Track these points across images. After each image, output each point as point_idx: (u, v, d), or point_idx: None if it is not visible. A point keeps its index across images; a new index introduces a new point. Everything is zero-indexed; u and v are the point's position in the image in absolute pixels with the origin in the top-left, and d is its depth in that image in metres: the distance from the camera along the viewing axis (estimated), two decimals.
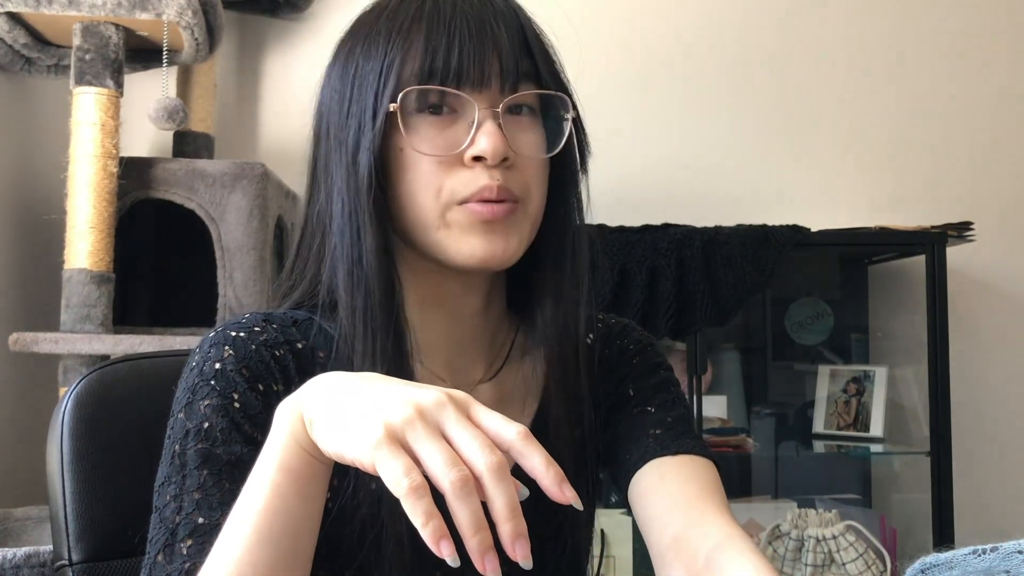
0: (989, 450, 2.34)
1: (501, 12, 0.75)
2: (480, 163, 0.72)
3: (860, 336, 2.36)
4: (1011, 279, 2.42)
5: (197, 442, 0.70)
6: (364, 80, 0.74)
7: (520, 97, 0.74)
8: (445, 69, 0.72)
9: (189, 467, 0.70)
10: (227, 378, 0.72)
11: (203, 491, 0.69)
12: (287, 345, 0.76)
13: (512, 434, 0.55)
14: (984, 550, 0.58)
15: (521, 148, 0.74)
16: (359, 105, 0.74)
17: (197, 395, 0.72)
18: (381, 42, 0.74)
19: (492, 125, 0.72)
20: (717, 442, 2.05)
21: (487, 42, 0.73)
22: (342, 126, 0.75)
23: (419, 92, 0.72)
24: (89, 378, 0.92)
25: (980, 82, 2.45)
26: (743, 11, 2.43)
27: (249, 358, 0.74)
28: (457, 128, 0.73)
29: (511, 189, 0.74)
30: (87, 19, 1.79)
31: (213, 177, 1.88)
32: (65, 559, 0.87)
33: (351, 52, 0.76)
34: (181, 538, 0.67)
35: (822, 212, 2.24)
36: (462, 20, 0.72)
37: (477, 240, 0.73)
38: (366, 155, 0.72)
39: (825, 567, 1.85)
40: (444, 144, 0.73)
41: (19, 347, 1.74)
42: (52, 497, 0.89)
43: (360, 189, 0.73)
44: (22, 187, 2.06)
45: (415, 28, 0.73)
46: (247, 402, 0.72)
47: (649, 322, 1.95)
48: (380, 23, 0.75)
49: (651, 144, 2.40)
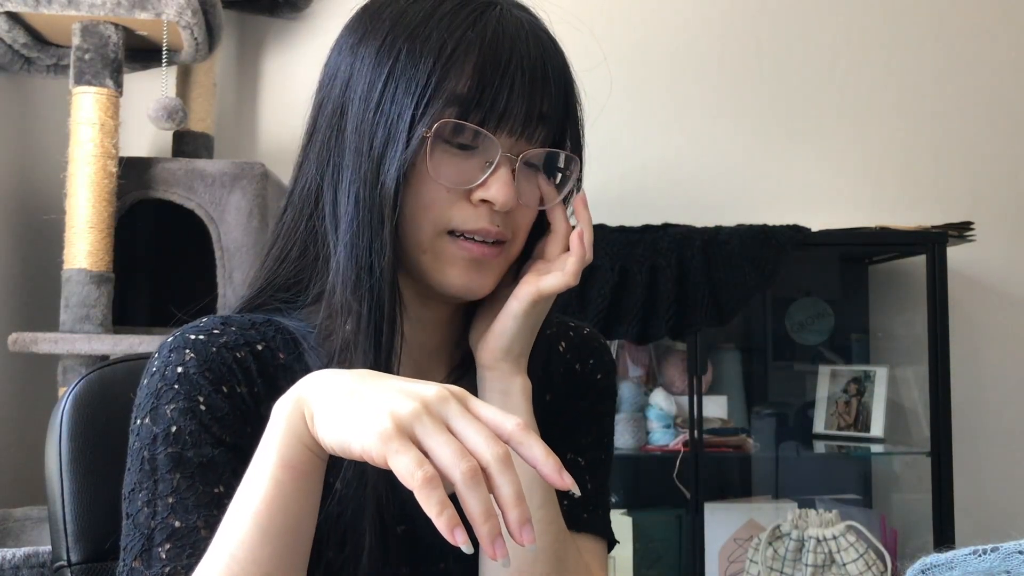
0: (989, 450, 2.34)
1: (553, 62, 0.75)
2: (486, 205, 0.73)
3: (860, 336, 2.36)
4: (1011, 279, 2.42)
5: (166, 446, 0.70)
6: (405, 85, 0.71)
7: (539, 154, 0.76)
8: (491, 109, 0.71)
9: (160, 472, 0.70)
10: (191, 381, 0.72)
11: (177, 495, 0.69)
12: (247, 347, 0.76)
13: (511, 426, 0.57)
14: (984, 550, 0.57)
15: (524, 197, 0.76)
16: (394, 110, 0.71)
17: (162, 400, 0.72)
18: (432, 50, 0.71)
19: (507, 173, 0.73)
20: (717, 442, 2.05)
21: (536, 94, 0.73)
22: (368, 122, 0.73)
23: (456, 125, 0.71)
24: (88, 379, 0.92)
25: (980, 82, 2.45)
26: (743, 11, 2.43)
27: (211, 360, 0.73)
28: (473, 163, 0.73)
29: (504, 232, 0.75)
30: (86, 19, 1.79)
31: (213, 177, 1.88)
32: (64, 560, 0.87)
33: (392, 43, 0.73)
34: (158, 543, 0.68)
35: (822, 212, 2.24)
36: (518, 67, 0.72)
37: (460, 274, 0.74)
38: (395, 171, 0.71)
39: (825, 567, 1.85)
40: (458, 177, 0.73)
41: (19, 347, 1.74)
42: (51, 498, 0.88)
43: (384, 203, 0.71)
44: (22, 187, 2.06)
45: (472, 53, 0.71)
46: (213, 404, 0.72)
47: (649, 322, 1.95)
48: (432, 26, 0.72)
49: (651, 144, 2.40)
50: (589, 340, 0.92)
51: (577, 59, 0.81)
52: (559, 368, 0.89)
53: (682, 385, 2.12)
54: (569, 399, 0.89)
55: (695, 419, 1.98)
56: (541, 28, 0.77)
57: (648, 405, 2.11)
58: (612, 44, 2.39)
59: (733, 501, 2.16)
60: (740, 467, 2.27)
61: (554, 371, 0.88)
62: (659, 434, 2.08)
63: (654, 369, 2.20)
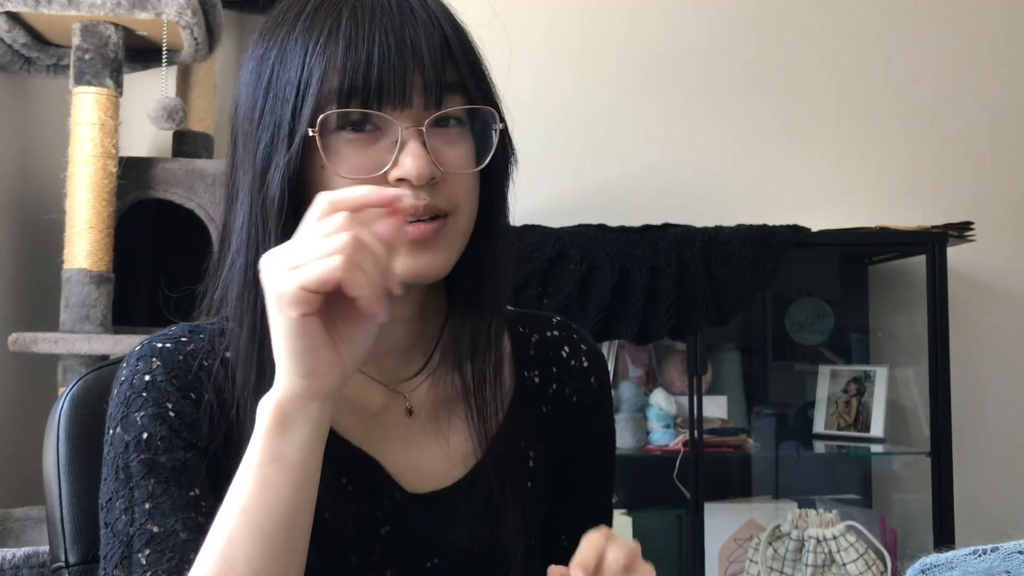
0: (989, 450, 2.34)
1: (423, 21, 0.71)
2: (405, 183, 0.70)
3: (860, 336, 2.35)
4: (1011, 279, 2.41)
5: (139, 453, 0.71)
6: (279, 92, 0.70)
7: (443, 116, 0.72)
8: (365, 88, 0.68)
9: (135, 479, 0.70)
10: (158, 388, 0.73)
11: (153, 500, 0.69)
12: (214, 354, 0.76)
13: None
14: (984, 550, 0.58)
15: (448, 163, 0.72)
16: (272, 117, 0.70)
17: (131, 408, 0.72)
18: (298, 52, 0.70)
19: (416, 145, 0.69)
20: (717, 442, 2.05)
21: (407, 56, 0.69)
22: (251, 135, 0.72)
23: (338, 115, 0.69)
24: (86, 379, 0.92)
25: (981, 82, 2.45)
26: (743, 11, 2.43)
27: (177, 368, 0.74)
28: (380, 147, 0.70)
29: (438, 205, 0.71)
30: (86, 19, 1.79)
31: (213, 177, 1.88)
32: (62, 561, 0.87)
33: (262, 56, 0.73)
34: (137, 548, 0.68)
35: (822, 212, 2.24)
36: (381, 34, 0.69)
37: (405, 260, 0.70)
38: (278, 177, 0.69)
39: (825, 567, 1.85)
40: (367, 165, 0.70)
41: (18, 347, 1.74)
42: (48, 499, 0.88)
43: (269, 211, 0.69)
44: (22, 187, 2.06)
45: (332, 41, 0.69)
46: (181, 410, 0.72)
47: (649, 322, 1.95)
48: (297, 30, 0.71)
49: (651, 144, 2.40)
50: (589, 345, 0.92)
51: (577, 58, 0.81)
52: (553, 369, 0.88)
53: (682, 385, 2.12)
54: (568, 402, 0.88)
55: (695, 419, 1.98)
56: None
57: (648, 405, 2.11)
58: (612, 44, 2.39)
59: (733, 501, 2.16)
60: (740, 467, 2.26)
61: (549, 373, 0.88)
62: (659, 434, 2.08)
63: (654, 369, 2.20)
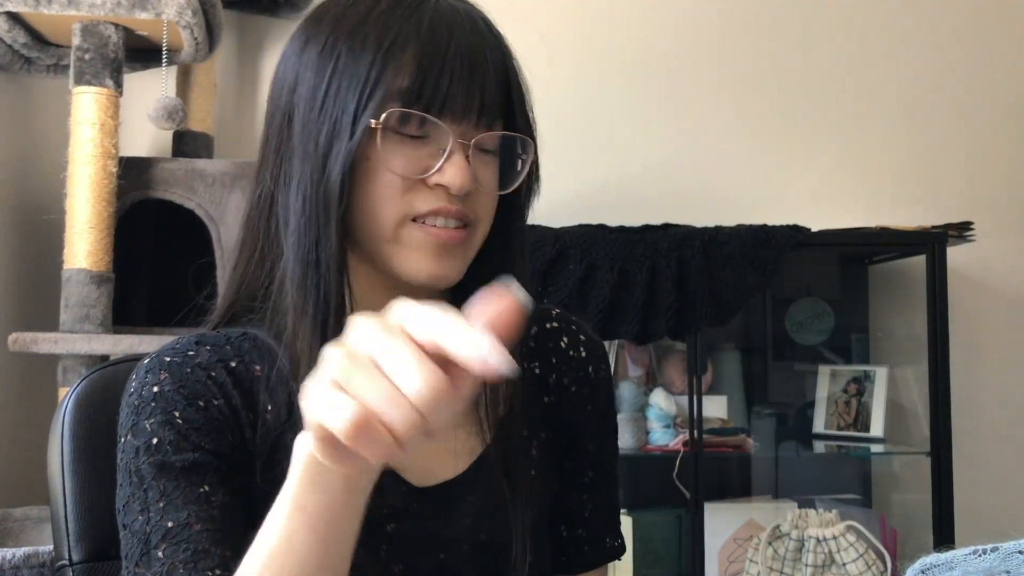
0: (989, 450, 2.34)
1: (492, 46, 0.76)
2: (442, 189, 0.74)
3: (860, 336, 2.35)
4: (1011, 279, 2.42)
5: (148, 456, 0.73)
6: (348, 81, 0.73)
7: (491, 137, 0.76)
8: (433, 95, 0.72)
9: (147, 480, 0.72)
10: (166, 398, 0.74)
11: (165, 498, 0.71)
12: (221, 364, 0.77)
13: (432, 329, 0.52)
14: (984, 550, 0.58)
15: (481, 180, 0.76)
16: (337, 106, 0.73)
17: (141, 416, 0.74)
18: (371, 46, 0.73)
19: (461, 158, 0.73)
20: (717, 442, 2.05)
21: (476, 75, 0.74)
22: (313, 122, 0.74)
23: (402, 114, 0.72)
24: (90, 379, 0.92)
25: (980, 82, 2.45)
26: (743, 10, 2.43)
27: (185, 379, 0.75)
28: (427, 151, 0.74)
29: (468, 215, 0.76)
30: (87, 19, 1.79)
31: (213, 177, 1.88)
32: (66, 559, 0.87)
33: (333, 44, 0.75)
34: (155, 544, 0.69)
35: (822, 212, 2.24)
36: (457, 52, 0.73)
37: (428, 261, 0.75)
38: (340, 164, 0.72)
39: (825, 567, 1.85)
40: (413, 166, 0.74)
41: (18, 347, 1.74)
42: (53, 497, 0.89)
43: (330, 197, 0.72)
44: (22, 187, 2.06)
45: (410, 44, 0.72)
46: (189, 416, 0.74)
47: (649, 322, 1.95)
48: (370, 24, 0.74)
49: (651, 144, 2.40)
50: (592, 339, 0.93)
51: (577, 58, 0.82)
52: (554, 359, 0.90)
53: (682, 385, 2.12)
54: (572, 398, 0.90)
55: (695, 419, 1.98)
56: (479, 16, 0.78)
57: (648, 405, 2.11)
58: (612, 44, 2.39)
59: (733, 501, 2.16)
60: (740, 467, 2.27)
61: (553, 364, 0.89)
62: (659, 434, 2.08)
63: (654, 369, 2.20)
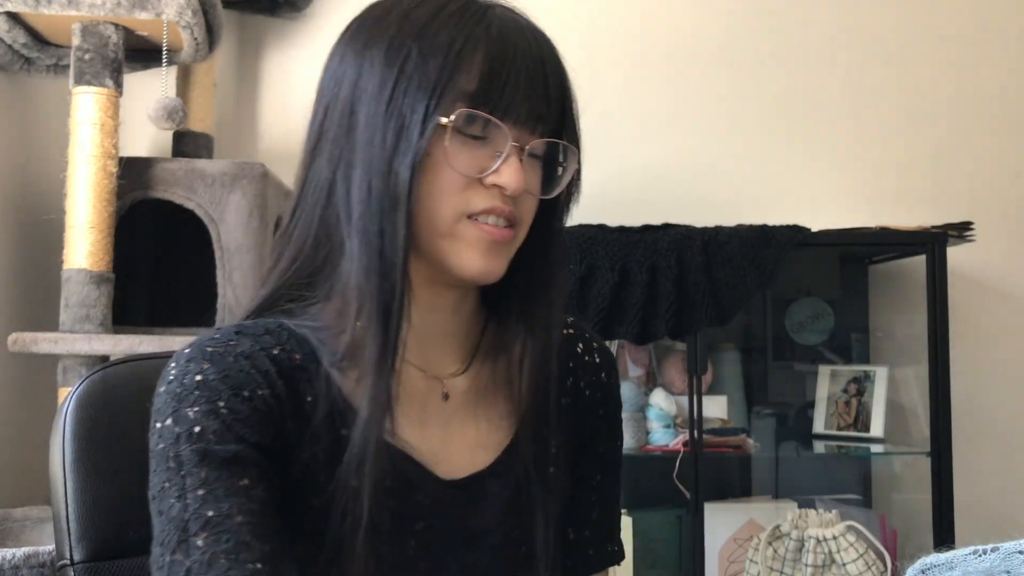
0: (989, 450, 2.34)
1: (552, 59, 0.80)
2: (497, 189, 0.78)
3: (860, 336, 2.35)
4: (1011, 279, 2.42)
5: (191, 443, 0.72)
6: (418, 80, 0.75)
7: (543, 144, 0.80)
8: (501, 99, 0.76)
9: (187, 467, 0.71)
10: (210, 387, 0.74)
11: (206, 486, 0.70)
12: (263, 352, 0.77)
13: None
14: (984, 550, 0.58)
15: (530, 184, 0.80)
16: (406, 104, 0.75)
17: (183, 403, 0.73)
18: (441, 48, 0.75)
19: (516, 161, 0.78)
20: (717, 442, 2.05)
21: (539, 87, 0.78)
22: (380, 116, 0.76)
23: (470, 115, 0.76)
24: (92, 378, 0.92)
25: (980, 82, 2.45)
26: (743, 10, 2.43)
27: (228, 368, 0.75)
28: (485, 152, 0.78)
29: (515, 213, 0.79)
30: (86, 19, 1.79)
31: (213, 177, 1.88)
32: (67, 559, 0.87)
33: (400, 43, 0.77)
34: (194, 532, 0.68)
35: (822, 212, 2.24)
36: (523, 60, 0.77)
37: (480, 257, 0.78)
38: (410, 160, 0.75)
39: (825, 567, 1.85)
40: (473, 165, 0.77)
41: (18, 347, 1.74)
42: (54, 497, 0.89)
43: (398, 191, 0.75)
44: (22, 187, 2.06)
45: (479, 49, 0.76)
46: (234, 407, 0.73)
47: (649, 322, 1.95)
48: (438, 25, 0.77)
49: (651, 144, 2.40)
50: (601, 346, 0.97)
51: (577, 58, 0.82)
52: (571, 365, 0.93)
53: (682, 385, 2.12)
54: (584, 401, 0.93)
55: (695, 419, 1.98)
56: (537, 27, 0.82)
57: (648, 405, 2.11)
58: (612, 43, 2.40)
59: (733, 501, 2.16)
60: (740, 467, 2.27)
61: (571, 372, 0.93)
62: (659, 434, 2.08)
63: (654, 369, 2.20)
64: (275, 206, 1.99)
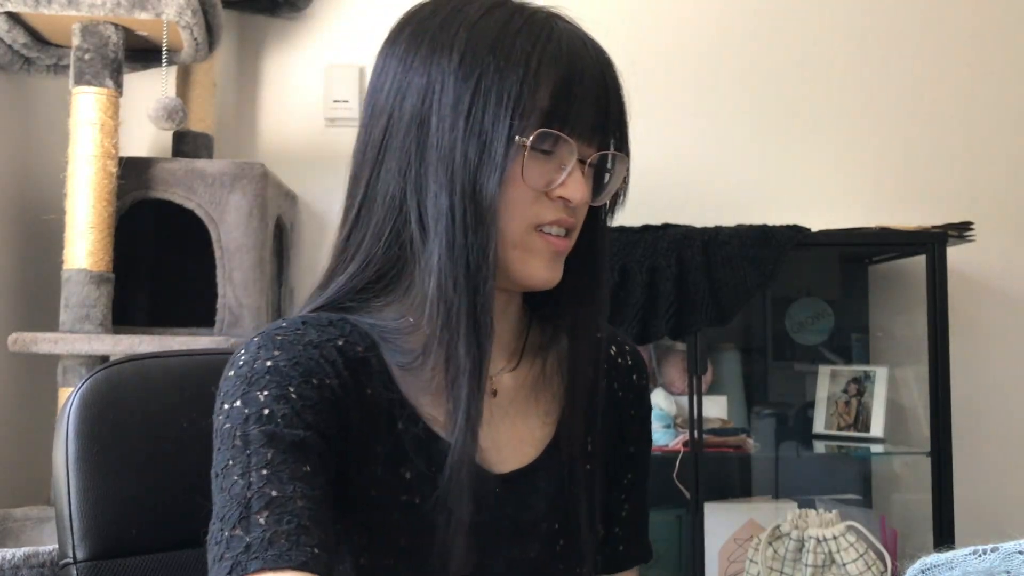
0: (989, 450, 2.34)
1: (611, 74, 0.83)
2: (563, 201, 0.81)
3: (860, 336, 2.36)
4: (1011, 279, 2.42)
5: (259, 424, 0.72)
6: (496, 97, 0.76)
7: (601, 155, 0.84)
8: (572, 116, 0.79)
9: (253, 446, 0.71)
10: (281, 372, 0.74)
11: (271, 467, 0.70)
12: (330, 343, 0.79)
13: None
14: (984, 550, 0.58)
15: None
16: (487, 120, 0.76)
17: (253, 386, 0.74)
18: (518, 65, 0.77)
19: (579, 174, 0.81)
20: (717, 442, 2.05)
21: (603, 103, 0.81)
22: (459, 130, 0.77)
23: (544, 133, 0.78)
24: (95, 377, 0.93)
25: (980, 82, 2.45)
26: (743, 11, 2.43)
27: (298, 356, 0.76)
28: (552, 165, 0.80)
29: (576, 223, 0.83)
30: (86, 19, 1.79)
31: (212, 177, 1.88)
32: (70, 557, 0.88)
33: (474, 57, 0.77)
34: (256, 510, 0.68)
35: (822, 212, 2.24)
36: (590, 77, 0.80)
37: (543, 267, 0.82)
38: (496, 178, 0.76)
39: (825, 567, 1.85)
40: (541, 179, 0.80)
41: (18, 347, 1.74)
42: (57, 496, 0.89)
43: (483, 207, 0.76)
44: (21, 187, 2.06)
45: (554, 67, 0.78)
46: (304, 393, 0.74)
47: (649, 322, 1.95)
48: (510, 39, 0.78)
49: (651, 144, 2.39)
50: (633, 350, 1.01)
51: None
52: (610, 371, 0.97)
53: (682, 385, 2.12)
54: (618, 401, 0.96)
55: (695, 419, 1.98)
56: (595, 41, 0.84)
57: None
58: (611, 44, 2.39)
59: (733, 501, 2.16)
60: (740, 467, 2.27)
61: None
62: (659, 434, 2.09)
63: (654, 369, 2.21)
64: (275, 206, 1.99)
